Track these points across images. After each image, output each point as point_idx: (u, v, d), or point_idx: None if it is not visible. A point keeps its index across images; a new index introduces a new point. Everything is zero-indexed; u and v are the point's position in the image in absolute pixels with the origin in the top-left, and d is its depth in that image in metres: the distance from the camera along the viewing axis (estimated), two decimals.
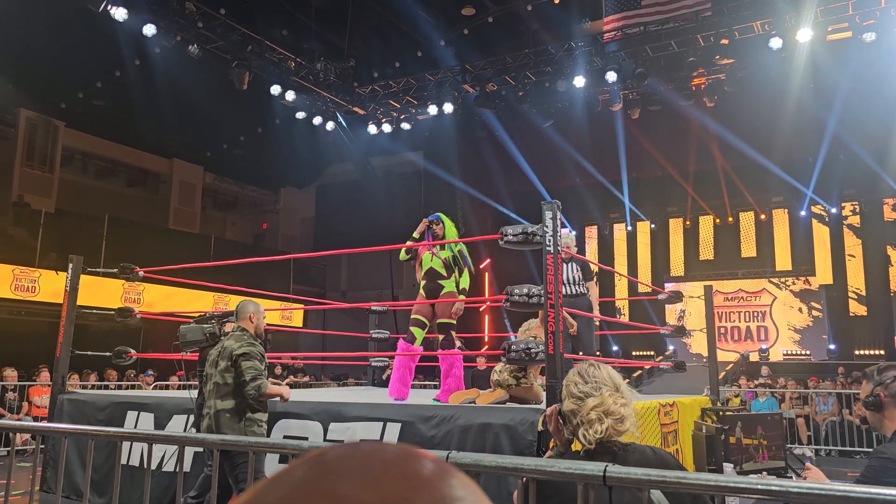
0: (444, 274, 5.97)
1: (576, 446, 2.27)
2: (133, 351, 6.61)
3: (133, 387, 11.73)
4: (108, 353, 6.62)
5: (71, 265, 6.43)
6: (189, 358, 5.28)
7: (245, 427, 4.21)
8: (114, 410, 5.96)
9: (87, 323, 11.58)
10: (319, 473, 0.45)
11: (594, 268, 7.16)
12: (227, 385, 4.20)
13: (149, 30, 12.48)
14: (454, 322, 5.84)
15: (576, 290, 6.60)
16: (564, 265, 6.57)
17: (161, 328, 13.34)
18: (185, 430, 5.51)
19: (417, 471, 0.45)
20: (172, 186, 18.82)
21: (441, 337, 5.83)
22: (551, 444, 2.36)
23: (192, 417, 5.52)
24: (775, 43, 12.52)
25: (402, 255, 6.19)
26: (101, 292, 13.11)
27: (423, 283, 6.02)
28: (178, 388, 12.02)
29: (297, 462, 0.47)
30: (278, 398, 4.54)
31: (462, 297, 5.92)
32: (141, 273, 6.59)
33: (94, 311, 7.86)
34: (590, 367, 2.17)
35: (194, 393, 5.21)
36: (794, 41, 12.46)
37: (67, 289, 6.39)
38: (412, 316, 6.00)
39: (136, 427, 5.69)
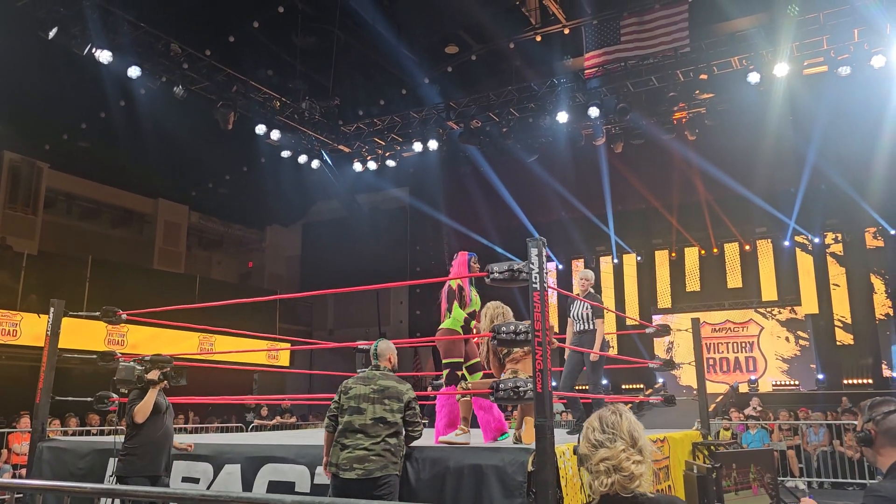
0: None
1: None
2: (115, 396, 6.48)
3: (115, 432, 11.48)
4: (89, 399, 6.47)
5: (52, 309, 6.33)
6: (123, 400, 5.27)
7: (400, 464, 4.36)
8: (95, 458, 5.82)
9: (69, 366, 11.38)
10: None
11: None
12: (396, 424, 4.36)
13: (134, 72, 12.52)
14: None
15: (584, 327, 6.66)
16: (577, 300, 6.64)
17: None
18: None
19: None
20: (157, 226, 18.72)
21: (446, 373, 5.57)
22: None
23: (175, 463, 5.38)
24: (753, 77, 12.75)
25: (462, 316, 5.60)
26: (84, 334, 12.91)
27: (466, 321, 5.60)
28: None
29: None
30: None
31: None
32: (124, 316, 6.48)
33: (76, 355, 7.72)
34: (612, 415, 2.08)
35: (120, 439, 5.14)
36: (771, 76, 12.69)
37: (48, 333, 6.28)
38: (473, 361, 5.57)
39: None
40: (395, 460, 4.28)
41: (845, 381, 16.10)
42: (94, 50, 11.93)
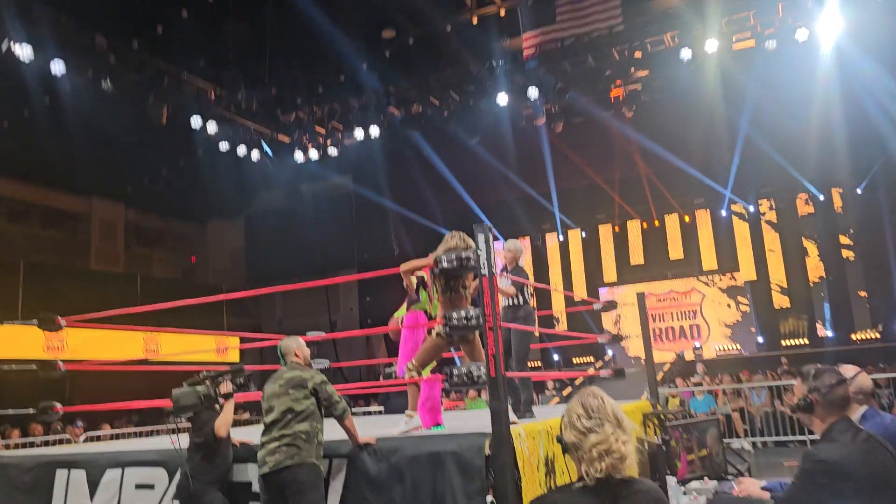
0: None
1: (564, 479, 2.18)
2: (59, 405, 6.26)
3: (62, 441, 11.14)
4: (31, 410, 6.26)
5: None
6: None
7: (316, 451, 4.29)
8: (41, 471, 5.62)
9: (7, 377, 10.95)
10: None
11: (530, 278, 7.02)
12: (304, 412, 4.32)
13: (57, 67, 11.99)
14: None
15: (515, 301, 6.44)
16: (507, 274, 6.43)
17: (88, 375, 12.76)
18: (120, 485, 5.25)
19: None
20: (92, 225, 18.11)
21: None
22: None
23: (126, 470, 5.26)
24: (685, 54, 13.06)
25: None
26: (22, 341, 12.46)
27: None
28: (111, 438, 11.51)
29: None
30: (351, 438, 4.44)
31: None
32: (63, 323, 6.25)
33: (14, 366, 7.44)
34: (594, 400, 2.10)
35: (184, 444, 4.79)
36: (702, 52, 13.02)
37: None
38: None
39: (67, 487, 5.39)
40: (307, 447, 4.25)
41: (783, 343, 16.79)
42: (12, 45, 11.37)
